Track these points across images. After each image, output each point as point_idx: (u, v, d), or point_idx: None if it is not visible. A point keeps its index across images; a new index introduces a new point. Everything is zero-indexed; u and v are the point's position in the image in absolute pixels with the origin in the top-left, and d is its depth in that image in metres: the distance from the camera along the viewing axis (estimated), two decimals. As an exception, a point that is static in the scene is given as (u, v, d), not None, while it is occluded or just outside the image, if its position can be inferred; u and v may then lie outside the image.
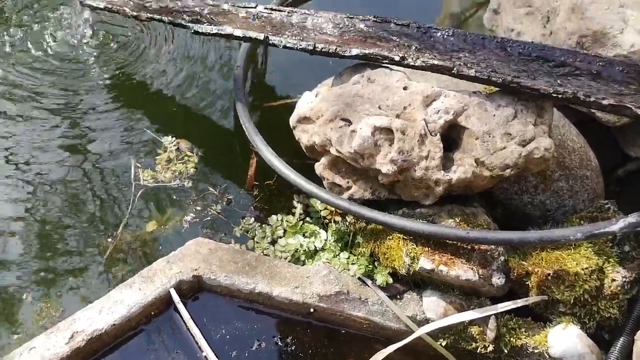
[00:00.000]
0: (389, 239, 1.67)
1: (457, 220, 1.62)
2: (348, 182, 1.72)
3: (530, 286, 1.62)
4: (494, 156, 1.52)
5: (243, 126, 2.02)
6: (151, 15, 2.01)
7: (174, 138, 2.12)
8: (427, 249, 1.61)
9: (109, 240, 1.86)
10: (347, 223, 1.83)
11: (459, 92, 1.58)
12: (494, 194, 1.78)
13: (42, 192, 1.96)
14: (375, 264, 1.74)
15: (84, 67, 2.35)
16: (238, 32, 1.84)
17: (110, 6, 2.09)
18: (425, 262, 1.58)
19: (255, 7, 1.94)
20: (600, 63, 1.53)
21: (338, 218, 1.89)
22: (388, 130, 1.55)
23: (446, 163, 1.58)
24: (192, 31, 1.93)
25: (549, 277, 1.59)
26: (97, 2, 2.11)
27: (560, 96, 1.46)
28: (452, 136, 1.60)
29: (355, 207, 1.65)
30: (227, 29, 1.87)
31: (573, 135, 1.90)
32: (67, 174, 2.02)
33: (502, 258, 1.62)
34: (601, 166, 1.93)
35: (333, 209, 1.84)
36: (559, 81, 1.50)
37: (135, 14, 2.03)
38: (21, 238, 1.85)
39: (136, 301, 1.61)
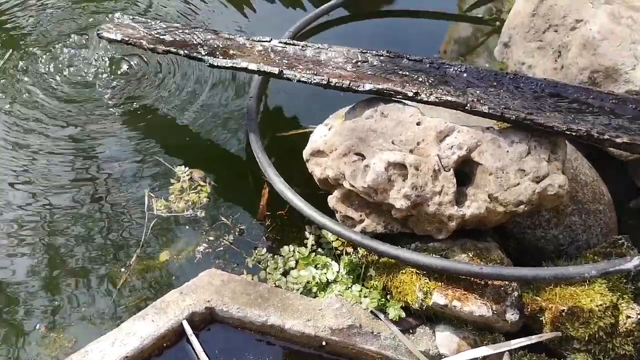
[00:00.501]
0: (402, 272, 1.66)
1: (470, 255, 1.61)
2: (361, 215, 1.72)
3: (544, 322, 1.60)
4: (508, 192, 1.52)
5: (256, 157, 2.04)
6: (167, 48, 2.04)
7: (187, 168, 2.14)
8: (440, 283, 1.60)
9: (122, 270, 1.87)
10: (360, 255, 1.83)
11: (472, 127, 1.59)
12: (506, 228, 1.77)
13: (54, 221, 1.98)
14: (388, 297, 1.73)
15: (99, 96, 2.38)
16: (253, 66, 1.86)
17: (127, 39, 2.13)
18: (439, 298, 1.57)
19: (269, 41, 1.97)
20: (613, 100, 1.54)
21: (350, 249, 1.90)
22: (401, 166, 1.55)
23: (459, 198, 1.58)
24: (208, 64, 1.96)
25: (563, 314, 1.58)
26: (114, 35, 2.15)
27: (574, 134, 1.47)
28: (465, 171, 1.60)
29: (367, 241, 1.65)
30: (242, 63, 1.89)
31: (585, 168, 1.90)
32: (80, 203, 2.04)
33: (516, 294, 1.61)
34: (613, 199, 1.93)
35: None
36: (572, 118, 1.50)
37: (152, 46, 2.06)
38: (33, 267, 1.87)
39: (149, 333, 1.61)
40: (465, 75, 1.66)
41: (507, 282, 1.58)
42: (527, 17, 2.00)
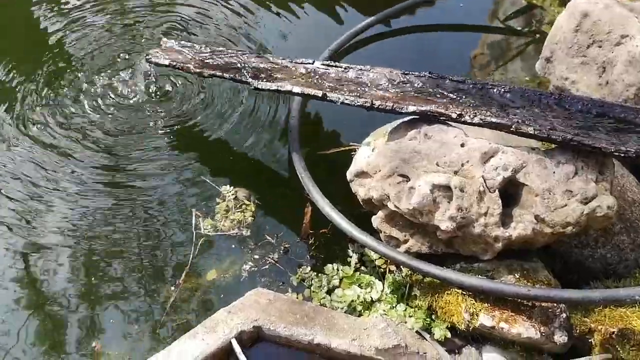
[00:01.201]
0: (447, 293, 1.67)
1: (517, 276, 1.61)
2: (405, 236, 1.73)
3: (593, 344, 1.58)
4: (555, 213, 1.51)
5: (299, 176, 2.07)
6: (213, 72, 2.10)
7: (232, 187, 2.19)
8: (486, 304, 1.60)
9: (172, 288, 1.92)
10: (403, 274, 1.84)
11: (517, 148, 1.59)
12: (552, 247, 1.76)
13: (105, 241, 2.04)
14: (433, 317, 1.74)
15: (146, 117, 2.46)
16: (297, 89, 1.90)
17: (174, 63, 2.20)
18: (486, 319, 1.57)
19: (312, 64, 2.01)
20: (664, 120, 1.51)
21: (393, 268, 1.91)
22: (446, 188, 1.56)
23: (505, 219, 1.58)
24: (253, 87, 2.01)
25: (614, 336, 1.55)
26: (161, 60, 2.22)
27: (622, 155, 1.45)
28: (510, 192, 1.60)
29: (413, 262, 1.66)
30: (287, 86, 1.93)
31: (633, 185, 1.87)
32: (130, 223, 2.10)
33: (564, 315, 1.59)
34: (663, 216, 1.89)
35: (388, 259, 1.86)
36: (620, 139, 1.48)
37: (198, 70, 2.13)
38: (85, 288, 1.93)
39: (200, 351, 1.65)
40: (509, 95, 1.66)
41: (555, 304, 1.57)
42: (570, 32, 1.99)
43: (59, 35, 2.87)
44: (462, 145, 1.61)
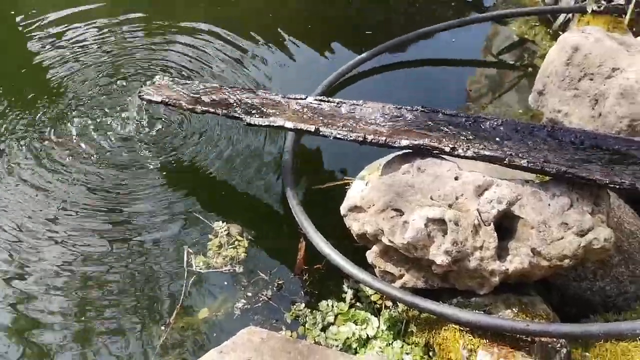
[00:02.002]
0: (445, 329, 1.64)
1: (515, 311, 1.59)
2: (400, 271, 1.72)
3: (596, 380, 1.55)
4: (551, 246, 1.51)
5: (292, 211, 2.06)
6: (206, 108, 2.11)
7: (224, 223, 2.18)
8: (485, 340, 1.58)
9: (162, 328, 1.89)
10: (400, 310, 1.82)
11: (511, 181, 1.59)
12: (550, 281, 1.74)
13: (94, 278, 2.02)
14: (430, 354, 1.71)
15: (138, 153, 2.47)
16: (289, 124, 1.91)
17: (167, 100, 2.22)
18: (484, 356, 1.54)
19: (305, 99, 2.02)
20: (656, 151, 1.52)
21: (389, 303, 1.89)
22: (441, 221, 1.56)
23: (501, 252, 1.57)
24: (245, 123, 2.02)
25: (616, 371, 1.52)
26: (154, 97, 2.24)
27: (617, 187, 1.45)
28: (505, 225, 1.59)
29: (409, 297, 1.64)
30: (279, 121, 1.95)
31: (629, 217, 1.86)
32: (120, 261, 2.08)
33: (565, 350, 1.57)
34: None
35: (384, 295, 1.83)
36: (614, 170, 1.49)
37: (190, 107, 2.14)
38: (72, 326, 1.89)
39: (190, 394, 1.61)
40: (501, 128, 1.67)
41: (555, 339, 1.55)
42: (561, 65, 2.02)
43: (55, 71, 2.91)
44: (456, 178, 1.61)
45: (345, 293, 1.96)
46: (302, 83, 2.89)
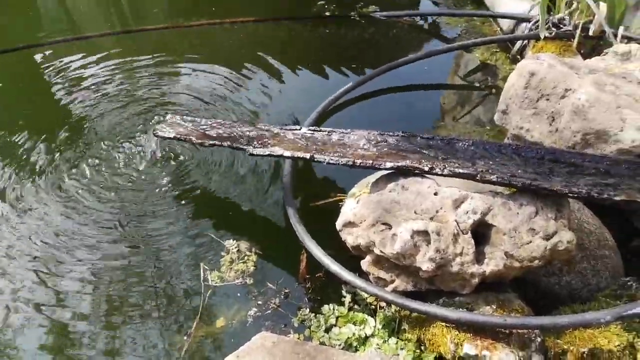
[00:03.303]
0: (433, 326, 1.65)
1: (494, 307, 1.60)
2: (391, 276, 1.72)
3: (568, 364, 1.56)
4: (522, 249, 1.52)
5: (293, 227, 2.07)
6: (213, 142, 2.12)
7: (234, 240, 2.18)
8: (469, 335, 1.58)
9: (185, 338, 1.88)
10: (393, 310, 1.82)
11: (483, 194, 1.61)
12: (524, 277, 1.75)
13: (118, 295, 2.02)
14: (422, 348, 1.71)
15: (153, 181, 2.47)
16: (287, 153, 1.92)
17: (178, 136, 2.23)
18: (469, 348, 1.55)
19: (300, 129, 2.04)
20: (608, 162, 1.55)
21: (383, 304, 1.89)
22: (425, 233, 1.57)
23: (479, 257, 1.58)
24: (248, 153, 2.03)
25: (585, 355, 1.54)
26: (167, 133, 2.25)
27: (575, 195, 1.47)
28: (481, 232, 1.61)
29: (399, 300, 1.65)
30: (278, 151, 1.96)
31: (588, 217, 1.88)
32: (142, 279, 2.08)
33: (539, 339, 1.58)
34: (616, 242, 1.90)
35: (379, 298, 1.84)
36: (572, 181, 1.51)
37: (200, 141, 2.15)
38: (97, 341, 1.88)
39: (213, 397, 1.61)
40: (472, 148, 1.69)
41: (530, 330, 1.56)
42: (521, 89, 2.05)
43: (73, 106, 2.92)
44: (435, 194, 1.63)
45: (344, 297, 1.97)
46: (296, 109, 2.91)
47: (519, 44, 3.07)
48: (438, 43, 3.47)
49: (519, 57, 3.09)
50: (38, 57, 3.48)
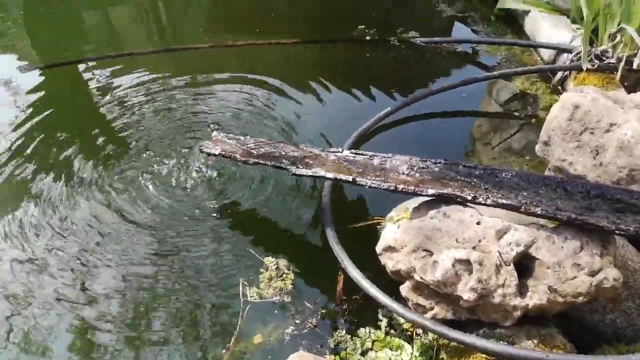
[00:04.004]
0: (473, 357, 1.63)
1: (535, 342, 1.57)
2: (431, 304, 1.71)
3: (610, 405, 1.51)
4: (566, 285, 1.49)
5: (332, 248, 2.08)
6: (257, 160, 2.17)
7: (273, 258, 2.20)
8: (508, 368, 1.55)
9: (223, 351, 1.90)
10: (430, 338, 1.80)
11: (527, 225, 1.59)
12: (567, 312, 1.71)
13: (160, 310, 2.06)
14: (459, 378, 1.68)
15: (197, 200, 2.52)
16: (330, 175, 1.95)
17: (224, 153, 2.28)
18: (509, 382, 1.52)
19: (342, 152, 2.06)
20: (656, 200, 1.51)
21: (419, 331, 1.87)
22: (467, 262, 1.56)
23: (521, 289, 1.56)
24: (291, 173, 2.06)
25: (628, 397, 1.48)
26: (213, 150, 2.31)
27: (622, 233, 1.44)
28: (524, 264, 1.59)
29: (439, 328, 1.64)
30: (320, 172, 1.98)
31: (632, 255, 1.83)
32: (183, 293, 2.11)
33: (581, 377, 1.53)
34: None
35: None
36: (619, 218, 1.48)
37: (244, 159, 2.20)
38: (140, 352, 1.92)
39: (250, 413, 1.62)
40: (516, 179, 1.68)
41: (572, 367, 1.52)
42: (564, 121, 2.02)
43: (117, 123, 3.02)
44: (478, 223, 1.62)
45: (381, 321, 1.96)
46: (332, 131, 2.95)
47: (560, 74, 3.03)
48: (477, 70, 3.47)
49: (559, 87, 3.05)
50: (82, 70, 3.61)
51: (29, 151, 2.86)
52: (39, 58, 3.85)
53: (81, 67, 3.64)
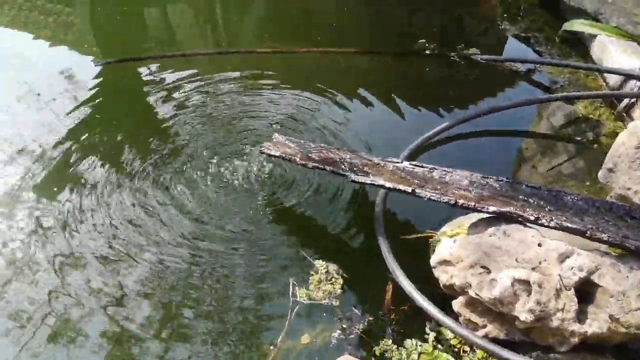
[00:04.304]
0: (523, 379, 1.60)
1: (591, 370, 1.53)
2: (483, 321, 1.70)
3: None
4: (630, 315, 1.46)
5: (384, 257, 2.10)
6: (316, 164, 2.21)
7: (324, 262, 2.24)
8: (561, 394, 1.52)
9: (271, 348, 1.95)
10: (479, 356, 1.79)
11: (590, 251, 1.56)
12: (626, 343, 1.66)
13: (214, 303, 2.11)
14: (507, 399, 1.66)
15: (252, 198, 2.59)
16: (389, 184, 1.97)
17: (284, 155, 2.34)
18: (561, 408, 1.49)
19: (401, 163, 2.08)
20: None
21: (467, 348, 1.86)
22: (526, 282, 1.54)
23: (581, 315, 1.53)
24: (350, 180, 2.09)
25: None
26: (273, 152, 2.37)
27: (696, 267, 1.40)
28: (585, 290, 1.56)
29: (491, 346, 1.62)
30: (379, 181, 2.01)
31: (699, 291, 1.76)
32: (237, 289, 2.17)
33: (638, 412, 1.49)
34: None
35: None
36: (692, 251, 1.44)
37: (303, 162, 2.25)
38: (193, 343, 1.97)
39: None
40: (581, 203, 1.66)
41: (629, 401, 1.48)
42: (632, 148, 1.98)
43: (174, 120, 3.12)
44: (540, 245, 1.60)
45: (428, 335, 1.95)
46: (385, 141, 2.96)
47: (626, 101, 2.95)
48: (537, 91, 3.41)
49: (624, 114, 2.97)
50: (140, 68, 3.76)
51: (87, 141, 3.00)
52: (101, 53, 4.03)
53: (140, 64, 3.77)
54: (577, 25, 3.50)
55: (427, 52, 3.74)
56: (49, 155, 2.86)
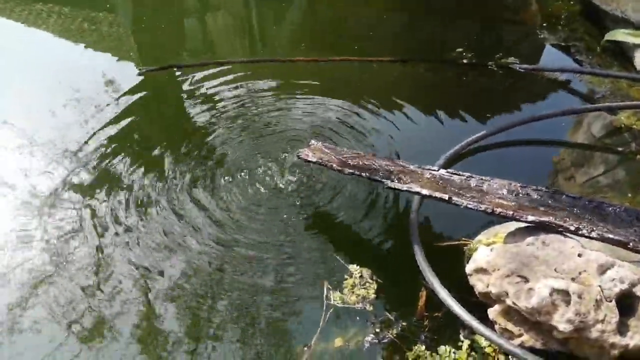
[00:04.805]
0: (560, 390, 1.58)
1: (632, 385, 1.50)
2: (519, 330, 1.69)
3: None
4: (674, 330, 1.42)
5: (418, 264, 2.10)
6: (352, 170, 2.24)
7: (358, 266, 2.26)
8: (599, 407, 1.50)
9: (305, 349, 1.97)
10: (514, 366, 1.77)
11: (632, 263, 1.53)
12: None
13: (250, 300, 2.16)
14: (543, 411, 1.64)
15: (289, 202, 2.64)
16: (425, 192, 1.98)
17: (320, 161, 2.38)
18: (600, 422, 1.46)
19: (437, 170, 2.09)
20: None
21: (502, 357, 1.84)
22: (565, 292, 1.53)
23: (621, 328, 1.50)
24: (386, 186, 2.11)
25: None
26: (310, 157, 2.41)
27: None
28: (627, 303, 1.53)
29: (527, 356, 1.61)
30: (415, 188, 2.02)
31: None
32: (273, 292, 2.21)
33: None
34: None
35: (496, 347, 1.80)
36: None
37: (339, 168, 2.28)
38: (226, 344, 2.02)
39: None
40: (624, 214, 1.63)
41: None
42: (679, 160, 1.92)
43: (209, 127, 3.20)
44: (580, 255, 1.58)
45: (462, 342, 1.94)
46: (417, 149, 2.97)
47: (672, 112, 2.86)
48: (577, 101, 3.35)
49: (670, 125, 2.88)
50: (180, 75, 3.88)
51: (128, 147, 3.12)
52: (141, 60, 4.18)
53: (179, 70, 3.89)
54: (620, 34, 3.43)
55: (465, 61, 3.73)
56: (90, 158, 2.99)
